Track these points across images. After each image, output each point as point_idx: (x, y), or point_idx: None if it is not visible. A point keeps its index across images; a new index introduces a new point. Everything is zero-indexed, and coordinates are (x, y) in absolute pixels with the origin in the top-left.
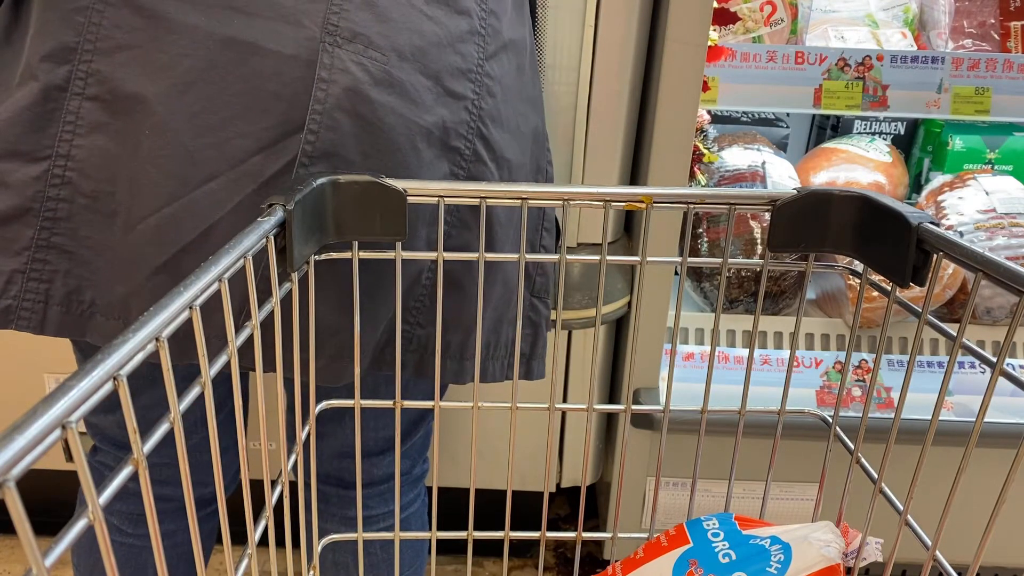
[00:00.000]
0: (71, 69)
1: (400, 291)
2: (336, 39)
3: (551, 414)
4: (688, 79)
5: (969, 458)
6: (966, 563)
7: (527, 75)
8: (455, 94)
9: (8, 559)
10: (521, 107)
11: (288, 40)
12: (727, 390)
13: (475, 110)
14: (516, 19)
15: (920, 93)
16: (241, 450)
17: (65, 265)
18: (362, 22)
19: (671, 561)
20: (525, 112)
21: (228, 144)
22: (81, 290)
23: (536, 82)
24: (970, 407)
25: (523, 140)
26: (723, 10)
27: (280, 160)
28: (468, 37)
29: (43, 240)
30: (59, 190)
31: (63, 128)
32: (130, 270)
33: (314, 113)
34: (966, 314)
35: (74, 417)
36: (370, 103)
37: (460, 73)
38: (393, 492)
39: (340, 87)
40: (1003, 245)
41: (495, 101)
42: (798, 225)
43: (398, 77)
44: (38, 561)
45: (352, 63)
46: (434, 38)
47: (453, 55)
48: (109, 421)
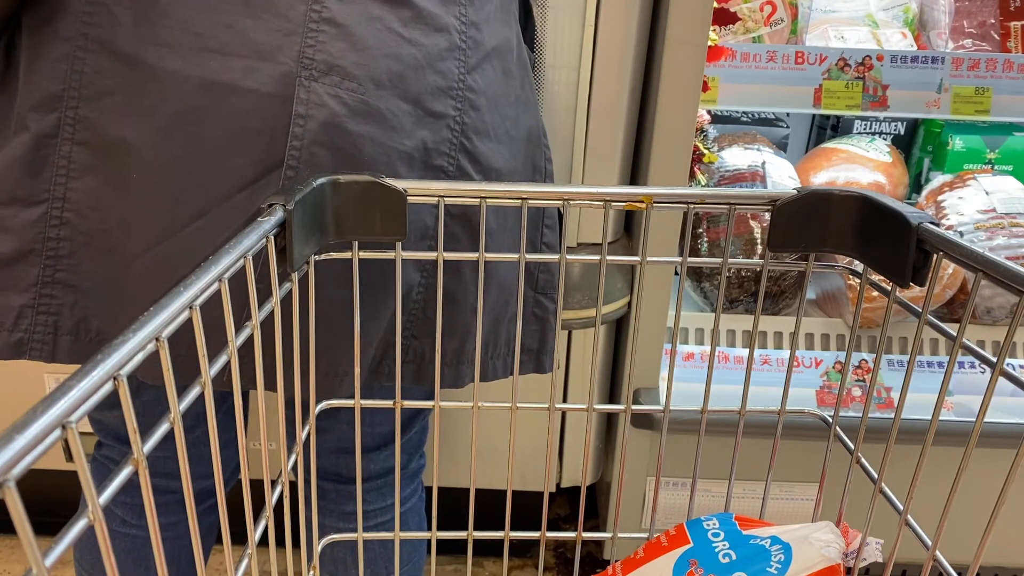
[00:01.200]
0: (59, 116)
1: (400, 293)
2: (312, 72)
3: (551, 414)
4: (688, 79)
5: (969, 458)
6: (966, 563)
7: (515, 77)
8: (436, 114)
9: (8, 559)
10: (511, 111)
11: (265, 77)
12: (727, 390)
13: (457, 126)
14: (501, 23)
15: (920, 93)
16: (241, 450)
17: (71, 298)
18: (338, 53)
19: (671, 561)
20: (515, 116)
21: (213, 182)
22: (88, 320)
23: (527, 81)
24: (970, 407)
25: (514, 145)
26: (723, 10)
27: (264, 195)
28: (448, 54)
29: (48, 277)
30: (59, 230)
31: (56, 172)
32: (131, 303)
33: (292, 149)
34: (966, 314)
35: (74, 417)
36: (348, 135)
37: (440, 92)
38: (390, 487)
39: (317, 122)
40: (1003, 245)
41: (479, 114)
42: (798, 225)
43: (376, 106)
44: (38, 561)
45: (328, 96)
46: (412, 61)
47: (433, 75)
48: (113, 417)
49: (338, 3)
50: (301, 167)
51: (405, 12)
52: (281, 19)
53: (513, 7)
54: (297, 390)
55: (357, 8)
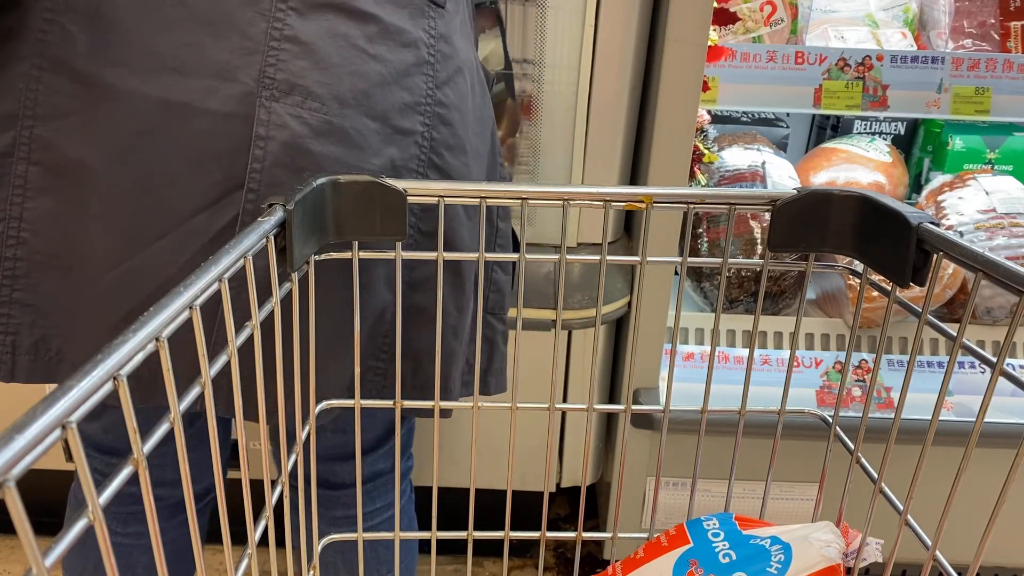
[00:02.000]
0: (15, 135)
1: (399, 296)
2: (273, 92)
3: (551, 414)
4: (688, 79)
5: (969, 458)
6: (966, 563)
7: (478, 94)
8: (404, 131)
9: (8, 559)
10: (478, 127)
11: (225, 97)
12: (727, 390)
13: (426, 143)
14: (466, 37)
15: (920, 93)
16: (241, 450)
17: (29, 318)
18: (300, 72)
19: (671, 561)
20: (482, 131)
21: (173, 204)
22: (48, 339)
23: (485, 95)
24: (970, 407)
25: (481, 162)
26: (723, 10)
27: (225, 216)
28: (415, 70)
29: (4, 296)
30: (15, 250)
31: (12, 192)
32: (92, 323)
33: (253, 171)
34: (966, 314)
35: (74, 417)
36: (310, 156)
37: (408, 108)
38: (379, 489)
39: (278, 143)
40: (1003, 245)
41: (451, 129)
42: (798, 225)
43: (340, 125)
44: (38, 561)
45: (290, 117)
46: (378, 78)
47: (400, 92)
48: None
49: (301, 20)
50: (262, 189)
51: (371, 28)
52: (241, 37)
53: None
54: (297, 392)
55: (321, 25)
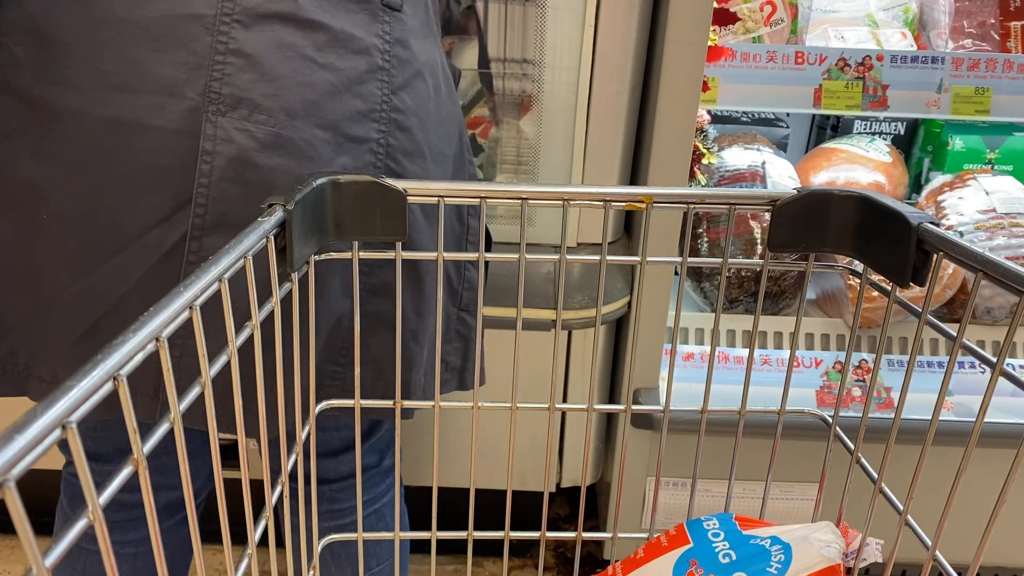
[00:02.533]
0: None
1: (399, 299)
2: (219, 107)
3: (551, 414)
4: (688, 79)
5: (969, 458)
6: (966, 563)
7: (443, 93)
8: (357, 139)
9: (8, 559)
10: (442, 129)
11: (171, 114)
12: (727, 390)
13: (381, 149)
14: (426, 38)
15: (920, 93)
16: (241, 450)
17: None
18: (246, 85)
19: (671, 561)
20: (446, 133)
21: (125, 221)
22: (15, 353)
23: (452, 93)
24: (970, 407)
25: (445, 164)
26: (723, 10)
27: (177, 232)
28: (368, 76)
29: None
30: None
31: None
32: (55, 338)
33: (200, 187)
34: (966, 314)
35: (74, 417)
36: (258, 169)
37: (361, 116)
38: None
39: (225, 158)
40: (1003, 245)
41: (407, 135)
42: (798, 225)
43: (289, 137)
44: (38, 561)
45: (236, 131)
46: (327, 87)
47: (352, 100)
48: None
49: (246, 32)
50: (210, 204)
51: (320, 36)
52: (187, 52)
53: (435, 22)
54: (297, 391)
55: (267, 36)
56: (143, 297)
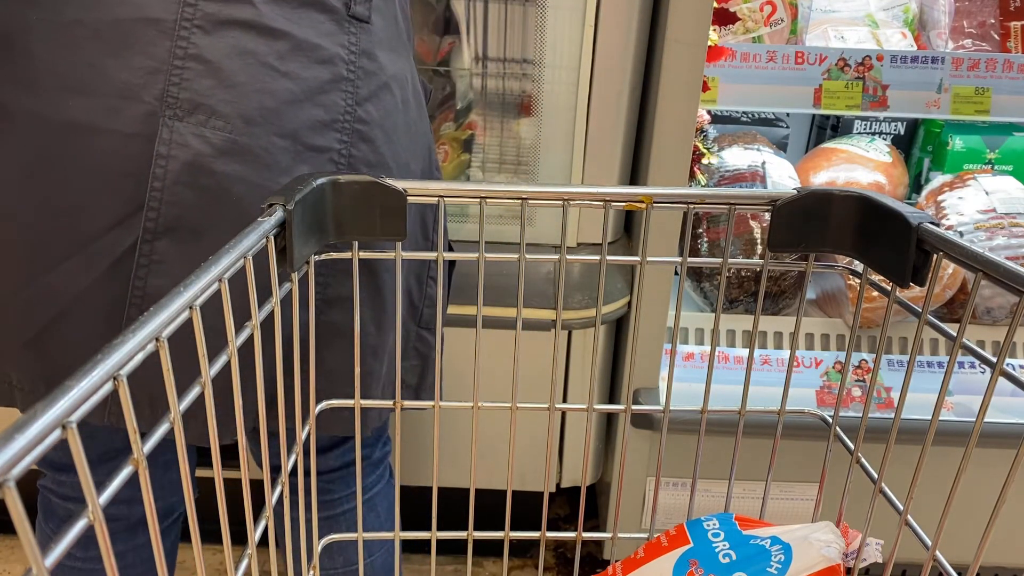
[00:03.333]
0: None
1: (399, 291)
2: (176, 112)
3: (551, 414)
4: (688, 79)
5: (969, 458)
6: (966, 563)
7: (412, 108)
8: (317, 148)
9: (8, 559)
10: (409, 143)
11: (128, 118)
12: (727, 390)
13: (343, 159)
14: (395, 51)
15: (920, 93)
16: (241, 450)
17: None
18: (204, 91)
19: (671, 561)
20: (413, 147)
21: (79, 225)
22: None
23: (421, 109)
24: (970, 407)
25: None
26: (723, 10)
27: (130, 236)
28: (331, 86)
29: None
30: None
31: None
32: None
33: (153, 190)
34: (966, 314)
35: (74, 417)
36: (213, 175)
37: (322, 126)
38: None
39: (180, 162)
40: (1003, 245)
41: (372, 146)
42: (798, 225)
43: (245, 144)
44: (38, 561)
45: (192, 136)
46: (287, 96)
47: (313, 109)
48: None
49: (206, 38)
50: (163, 207)
51: (282, 44)
52: (145, 57)
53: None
54: (297, 391)
55: (227, 42)
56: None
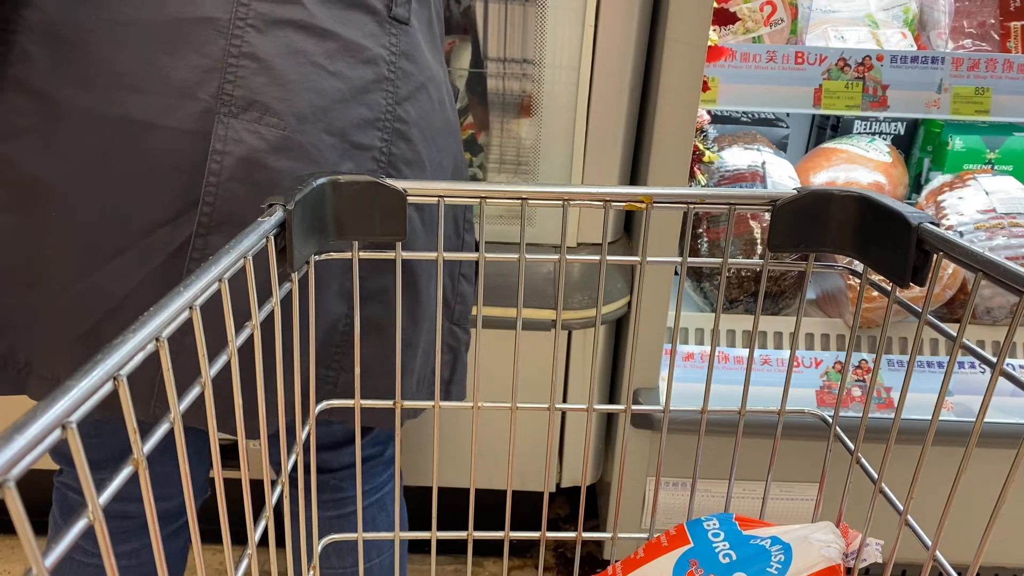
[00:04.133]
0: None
1: (399, 300)
2: (231, 109)
3: (551, 414)
4: (688, 79)
5: (969, 458)
6: (966, 563)
7: (448, 109)
8: (361, 146)
9: (8, 559)
10: (443, 142)
11: (183, 115)
12: (727, 390)
13: (384, 157)
14: (431, 53)
15: (920, 93)
16: (241, 450)
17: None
18: (258, 88)
19: (671, 561)
20: (447, 146)
21: (134, 219)
22: (15, 352)
23: (453, 109)
24: (970, 407)
25: (443, 176)
26: (723, 10)
27: (186, 230)
28: (375, 86)
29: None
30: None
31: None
32: (56, 337)
33: (209, 185)
34: (966, 314)
35: (74, 417)
36: (267, 170)
37: (367, 124)
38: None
39: (235, 158)
40: (1003, 245)
41: (409, 145)
42: (798, 225)
43: (298, 141)
44: (38, 561)
45: (247, 132)
46: (336, 95)
47: (358, 107)
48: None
49: (259, 37)
50: (218, 203)
51: (330, 44)
52: (200, 55)
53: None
54: (297, 391)
55: (279, 41)
56: (146, 296)
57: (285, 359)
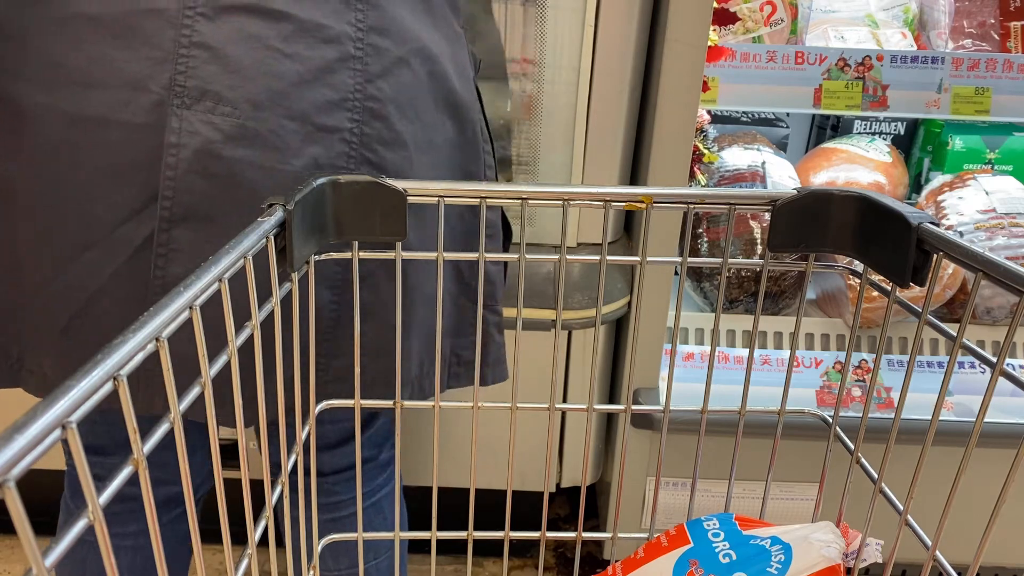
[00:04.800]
0: None
1: (399, 295)
2: (184, 100)
3: (551, 414)
4: (688, 79)
5: (969, 458)
6: (966, 563)
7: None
8: (328, 128)
9: (8, 559)
10: (432, 117)
11: (137, 108)
12: (727, 390)
13: (355, 139)
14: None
15: (920, 93)
16: (241, 450)
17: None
18: (210, 77)
19: (671, 561)
20: (438, 122)
21: (96, 216)
22: (7, 347)
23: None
24: (970, 407)
25: (437, 153)
26: (723, 10)
27: (149, 225)
28: (339, 65)
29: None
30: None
31: None
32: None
33: (167, 179)
34: (966, 314)
35: (74, 417)
36: (223, 161)
37: (332, 105)
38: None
39: (190, 150)
40: (1003, 245)
41: (385, 123)
42: (798, 225)
43: (254, 128)
44: (38, 561)
45: (201, 123)
46: (295, 77)
47: (321, 88)
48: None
49: (210, 25)
50: (177, 196)
51: (285, 26)
52: (151, 47)
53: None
54: (297, 391)
55: (231, 27)
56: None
57: (285, 359)
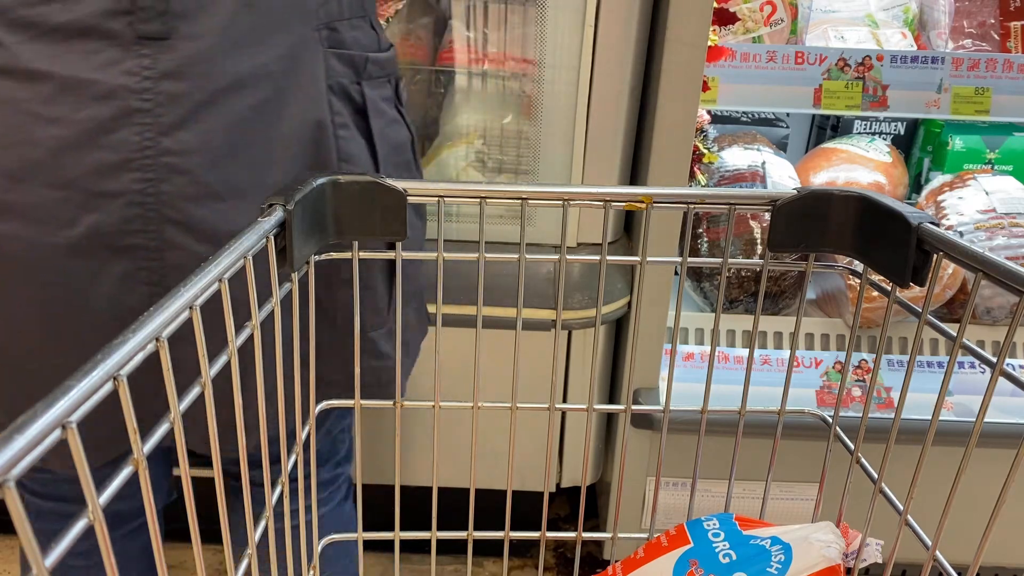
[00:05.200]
0: None
1: (399, 289)
2: None
3: (551, 414)
4: (688, 79)
5: (969, 458)
6: (966, 563)
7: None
8: (108, 194)
9: (8, 559)
10: (269, 153)
11: None
12: (727, 390)
13: (150, 200)
14: (244, 46)
15: (920, 93)
16: (241, 450)
17: None
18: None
19: (671, 561)
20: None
21: None
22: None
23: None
24: (970, 407)
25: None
26: (723, 10)
27: None
28: (117, 123)
29: None
30: None
31: None
32: None
33: None
34: (966, 314)
35: (74, 417)
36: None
37: (112, 168)
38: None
39: None
40: (1003, 245)
41: (188, 178)
42: (798, 225)
43: (12, 201)
44: (38, 561)
45: None
46: (55, 143)
47: (95, 151)
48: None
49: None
50: None
51: (44, 87)
52: None
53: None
54: (297, 391)
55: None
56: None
57: (285, 359)
